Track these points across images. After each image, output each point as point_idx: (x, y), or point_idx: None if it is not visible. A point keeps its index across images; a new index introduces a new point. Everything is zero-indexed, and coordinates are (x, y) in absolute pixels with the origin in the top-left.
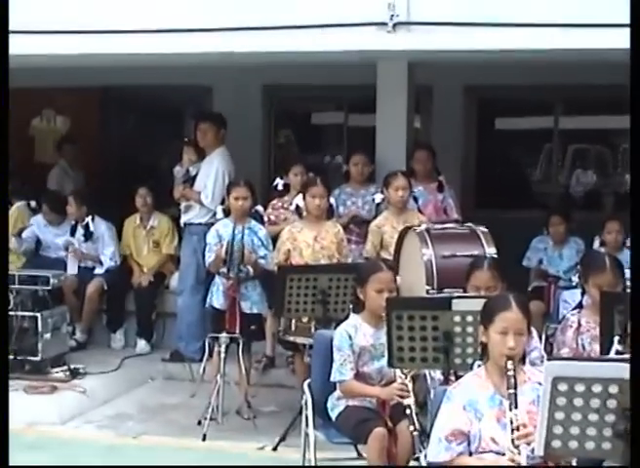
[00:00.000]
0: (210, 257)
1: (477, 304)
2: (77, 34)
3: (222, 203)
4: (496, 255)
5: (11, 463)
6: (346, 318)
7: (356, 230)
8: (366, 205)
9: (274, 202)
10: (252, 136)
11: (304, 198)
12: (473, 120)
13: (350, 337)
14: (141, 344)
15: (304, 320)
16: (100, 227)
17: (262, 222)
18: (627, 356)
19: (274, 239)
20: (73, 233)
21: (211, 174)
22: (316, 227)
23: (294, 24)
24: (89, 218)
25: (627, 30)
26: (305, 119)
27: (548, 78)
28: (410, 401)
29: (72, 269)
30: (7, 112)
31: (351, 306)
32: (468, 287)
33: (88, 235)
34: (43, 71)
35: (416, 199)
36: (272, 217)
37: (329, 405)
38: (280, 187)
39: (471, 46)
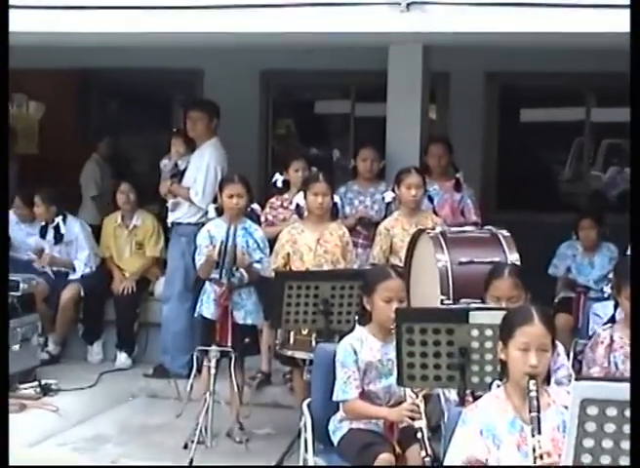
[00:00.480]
0: (200, 261)
1: (497, 317)
2: (51, 10)
3: (215, 201)
4: (518, 263)
5: None
6: (351, 330)
7: (364, 232)
8: (375, 204)
9: (272, 200)
10: (248, 126)
11: (306, 196)
12: (495, 111)
13: (355, 352)
14: (122, 358)
15: (304, 332)
16: (74, 228)
17: (259, 223)
18: None
19: (272, 242)
20: (44, 235)
21: (202, 168)
22: (319, 229)
23: (294, 2)
24: (59, 219)
25: None
26: (308, 108)
27: (580, 65)
28: (421, 423)
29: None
30: (7, 111)
31: (357, 317)
32: (487, 297)
33: (58, 237)
34: (12, 51)
35: (430, 199)
36: (270, 217)
37: (330, 427)
38: (279, 184)
39: (494, 28)
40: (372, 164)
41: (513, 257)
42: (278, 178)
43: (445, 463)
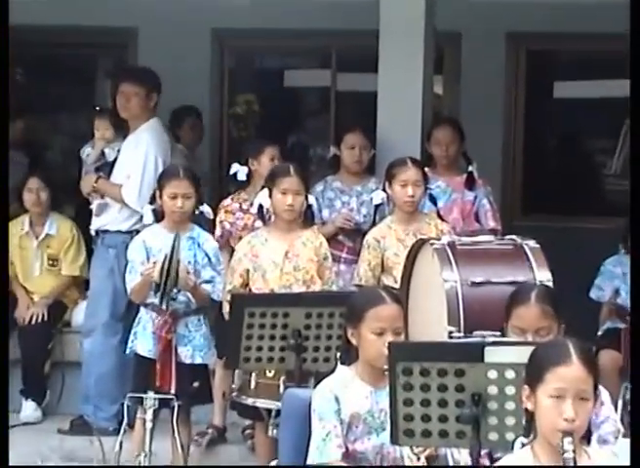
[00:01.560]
0: (133, 281)
1: (522, 354)
2: None
3: (152, 201)
4: (550, 283)
5: None
6: (331, 372)
7: (348, 244)
8: (363, 207)
9: (227, 202)
10: (196, 102)
11: (271, 195)
12: (521, 84)
13: (337, 400)
14: (28, 408)
15: (270, 374)
16: None
17: (211, 230)
18: None
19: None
20: None
21: (137, 158)
22: (288, 238)
23: None
24: None
25: None
26: (275, 79)
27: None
28: None
29: None
30: (7, 110)
31: (338, 355)
32: (509, 328)
33: None
34: None
35: (433, 199)
36: (227, 225)
37: None
38: (241, 176)
39: None
40: (360, 153)
41: (543, 276)
42: (240, 170)
43: None
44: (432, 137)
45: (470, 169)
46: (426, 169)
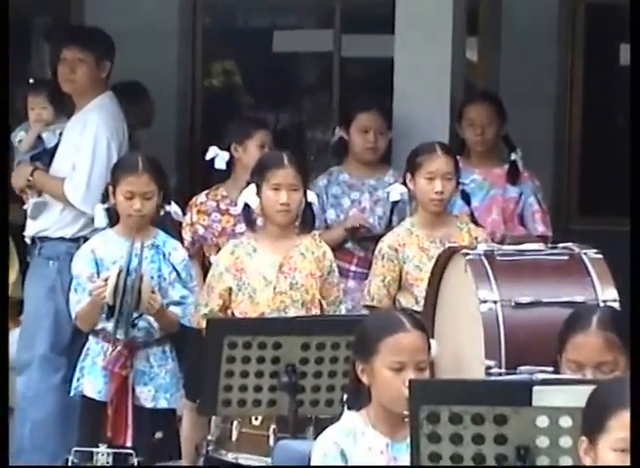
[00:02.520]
0: (80, 303)
1: (579, 396)
2: None
3: (105, 200)
4: (616, 304)
5: None
6: (336, 419)
7: (359, 254)
8: (378, 206)
9: (201, 199)
10: (161, 72)
11: (260, 192)
12: (578, 48)
13: (344, 456)
14: None
15: (256, 421)
16: None
17: (180, 237)
18: None
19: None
20: None
21: (84, 145)
22: (282, 248)
23: None
24: None
25: None
26: (262, 43)
27: None
28: None
29: None
30: (7, 109)
31: (345, 397)
32: (564, 362)
33: None
34: None
35: (467, 197)
36: (200, 229)
37: None
38: (220, 164)
39: None
40: (376, 138)
41: (608, 295)
42: (218, 155)
43: None
44: (464, 118)
45: (513, 157)
46: (457, 158)
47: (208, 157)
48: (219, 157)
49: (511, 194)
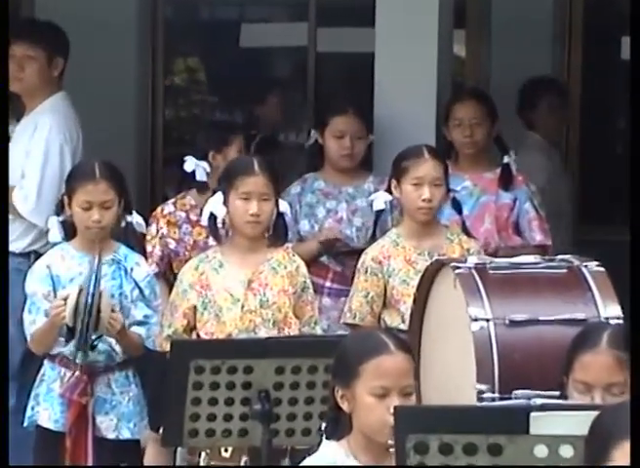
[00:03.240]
0: (34, 324)
1: (582, 423)
2: None
3: (60, 211)
4: (621, 322)
5: None
6: (314, 449)
7: (336, 268)
8: (356, 216)
9: (168, 209)
10: (119, 69)
11: (227, 201)
12: (576, 40)
13: None
14: None
15: (226, 453)
16: None
17: (143, 251)
18: None
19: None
20: None
21: (35, 150)
22: (252, 262)
23: None
24: None
25: None
26: (230, 37)
27: None
28: None
29: None
30: (7, 111)
31: (323, 426)
32: (570, 383)
33: None
34: None
35: (458, 205)
36: (171, 243)
37: None
38: (201, 176)
39: None
40: (352, 143)
41: (611, 312)
42: (199, 165)
43: None
44: (451, 118)
45: (506, 160)
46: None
47: (188, 169)
48: (199, 168)
49: (505, 200)
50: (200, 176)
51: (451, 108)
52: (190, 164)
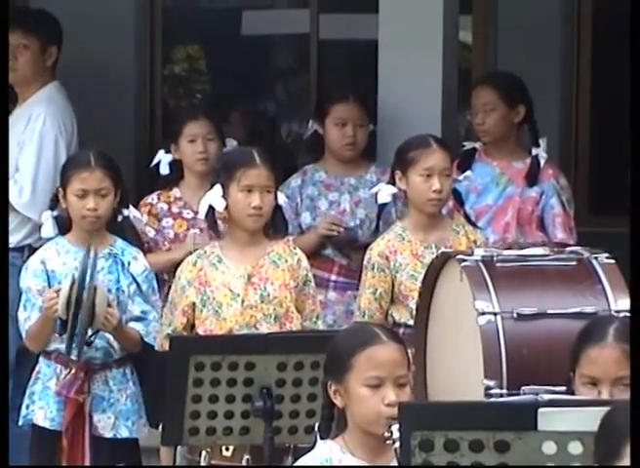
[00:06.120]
0: (28, 321)
1: (591, 418)
2: None
3: (54, 206)
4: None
5: None
6: (313, 447)
7: (340, 261)
8: (359, 207)
9: (151, 200)
10: (116, 58)
11: (226, 193)
12: (585, 27)
13: None
14: None
15: (227, 452)
16: None
17: (141, 245)
18: None
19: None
20: None
21: (29, 141)
22: (252, 256)
23: None
24: None
25: None
26: (230, 25)
27: None
28: None
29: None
30: (7, 111)
31: (316, 425)
32: (577, 379)
33: None
34: None
35: (459, 195)
36: (150, 232)
37: None
38: (164, 169)
39: None
40: (354, 131)
41: (622, 305)
42: (162, 159)
43: None
44: (470, 105)
45: (534, 152)
46: (477, 145)
47: (154, 162)
48: (162, 162)
49: (531, 193)
50: (163, 170)
51: (470, 95)
52: (157, 158)
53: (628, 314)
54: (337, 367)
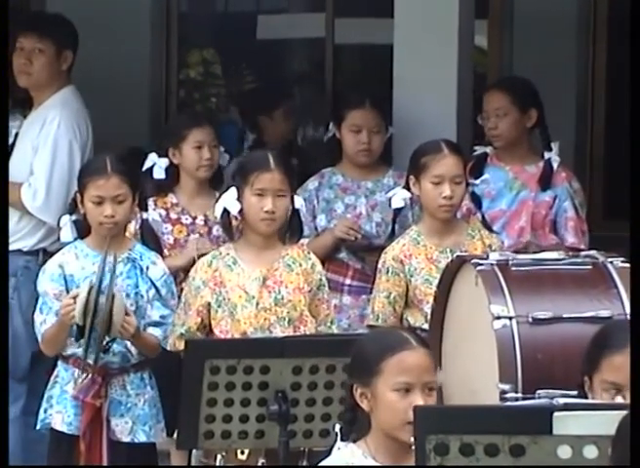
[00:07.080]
0: (45, 325)
1: (606, 423)
2: None
3: (73, 210)
4: None
5: None
6: (330, 452)
7: (355, 265)
8: (376, 211)
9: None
10: (132, 62)
11: (241, 196)
12: (601, 33)
13: None
14: None
15: (242, 456)
16: None
17: (159, 248)
18: None
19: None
20: None
21: (44, 145)
22: (266, 259)
23: None
24: None
25: None
26: (245, 29)
27: None
28: None
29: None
30: (6, 111)
31: (339, 427)
32: (597, 384)
33: None
34: None
35: (477, 198)
36: (180, 239)
37: None
38: (159, 173)
39: None
40: (369, 138)
41: None
42: (157, 162)
43: None
44: (483, 110)
45: (547, 156)
46: (488, 149)
47: (146, 166)
48: (156, 166)
49: (544, 198)
50: (157, 174)
51: (482, 100)
52: (149, 161)
53: None
54: (364, 370)
